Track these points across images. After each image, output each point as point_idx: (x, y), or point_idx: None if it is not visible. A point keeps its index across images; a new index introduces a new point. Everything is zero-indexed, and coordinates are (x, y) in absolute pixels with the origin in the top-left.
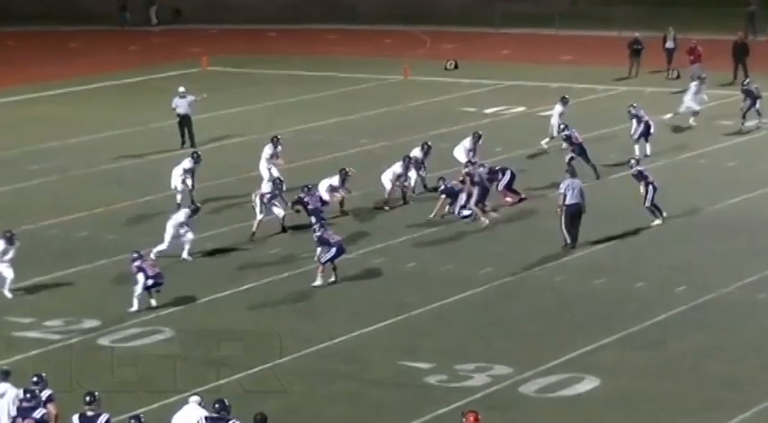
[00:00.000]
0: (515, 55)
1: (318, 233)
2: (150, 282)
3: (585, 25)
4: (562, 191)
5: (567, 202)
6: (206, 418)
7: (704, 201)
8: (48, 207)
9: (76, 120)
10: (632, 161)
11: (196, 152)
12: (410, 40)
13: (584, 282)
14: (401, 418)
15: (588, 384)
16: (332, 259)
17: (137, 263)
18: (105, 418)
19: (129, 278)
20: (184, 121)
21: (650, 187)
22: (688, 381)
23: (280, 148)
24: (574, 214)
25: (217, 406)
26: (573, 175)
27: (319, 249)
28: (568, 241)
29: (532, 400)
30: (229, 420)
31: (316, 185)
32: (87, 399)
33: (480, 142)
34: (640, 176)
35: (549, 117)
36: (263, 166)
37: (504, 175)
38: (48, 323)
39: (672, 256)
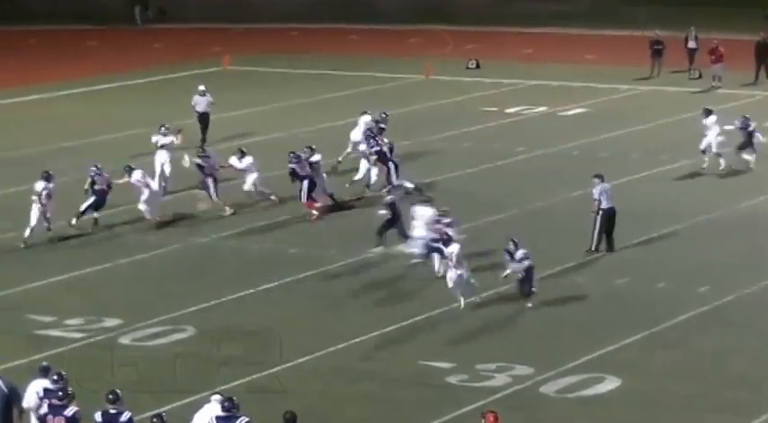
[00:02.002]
0: (537, 54)
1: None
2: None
3: (607, 25)
4: (596, 197)
5: (603, 206)
6: (216, 417)
7: (727, 201)
8: (70, 205)
9: (98, 118)
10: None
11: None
12: (432, 39)
13: (607, 282)
14: (422, 417)
15: (609, 384)
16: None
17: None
18: (128, 416)
19: (152, 277)
20: (202, 119)
21: None
22: (710, 381)
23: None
24: (610, 218)
25: (226, 404)
26: (602, 178)
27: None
28: (596, 247)
29: (553, 401)
30: (239, 418)
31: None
32: (110, 397)
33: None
34: None
35: (569, 117)
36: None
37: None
38: (69, 322)
39: (694, 256)
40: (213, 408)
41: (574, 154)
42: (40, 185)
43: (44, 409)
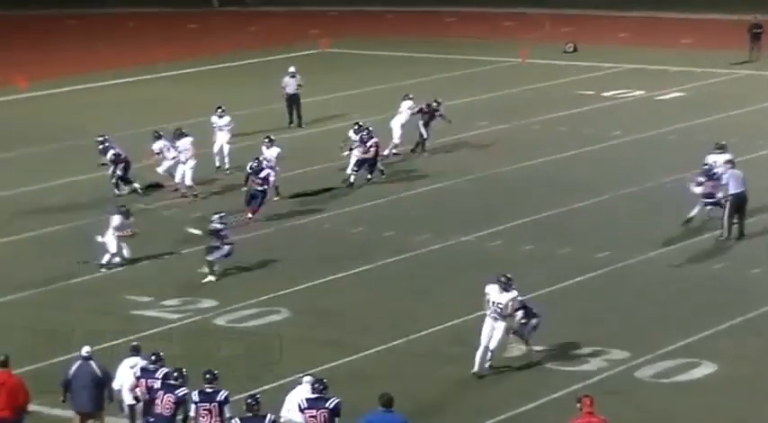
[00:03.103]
0: (634, 38)
1: None
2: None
3: (705, 8)
4: (725, 181)
5: (732, 190)
6: (306, 399)
7: None
8: (164, 188)
9: (193, 101)
10: None
11: (269, 136)
12: (528, 22)
13: (703, 266)
14: (516, 401)
15: (705, 370)
16: None
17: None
18: (224, 395)
19: (244, 259)
20: (292, 101)
21: None
22: None
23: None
24: (740, 203)
25: (316, 385)
26: (733, 164)
27: None
28: (727, 234)
29: (649, 385)
30: (329, 399)
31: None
32: (207, 376)
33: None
34: None
35: (666, 101)
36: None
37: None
38: (165, 302)
39: None
40: (305, 389)
41: (670, 138)
42: (116, 221)
43: (157, 385)
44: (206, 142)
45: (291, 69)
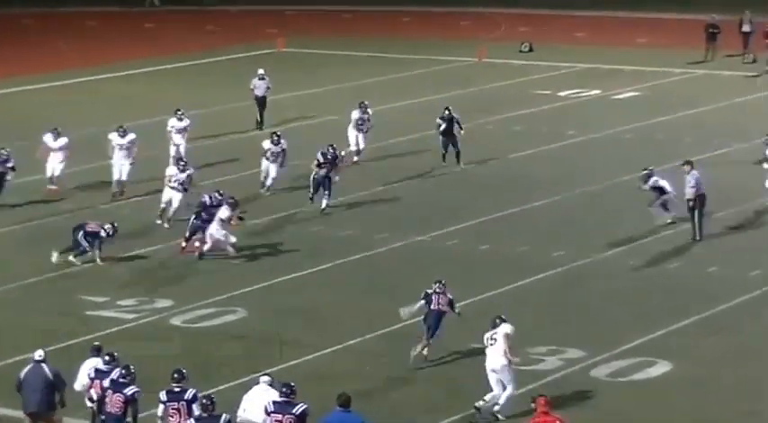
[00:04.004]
0: (590, 37)
1: None
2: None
3: (661, 8)
4: (693, 184)
5: (696, 192)
6: (273, 402)
7: None
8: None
9: (150, 100)
10: None
11: (275, 132)
12: (485, 22)
13: (659, 266)
14: (473, 399)
15: (661, 368)
16: None
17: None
18: (192, 393)
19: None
20: (260, 103)
21: None
22: (762, 365)
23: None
24: (702, 204)
25: (285, 390)
26: (692, 165)
27: None
28: (700, 235)
29: (605, 384)
30: (297, 404)
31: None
32: (175, 376)
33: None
34: None
35: (622, 101)
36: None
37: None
38: (121, 302)
39: (745, 240)
40: (263, 389)
41: (626, 137)
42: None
43: (105, 384)
44: (154, 143)
45: (261, 71)
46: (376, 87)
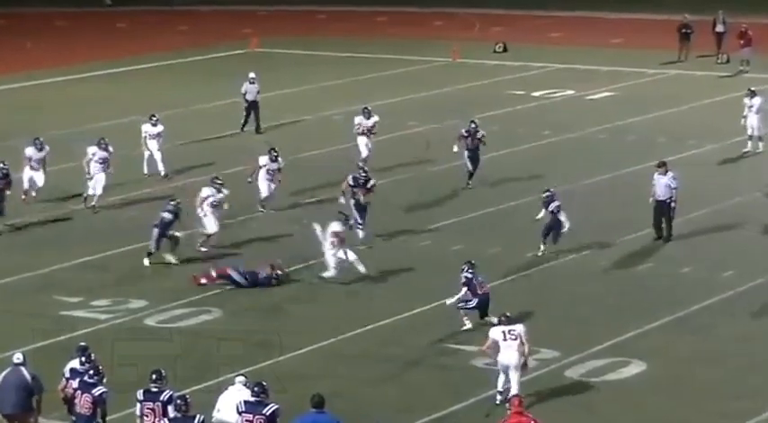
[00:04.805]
0: (565, 38)
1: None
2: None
3: (635, 8)
4: (675, 186)
5: (661, 196)
6: (245, 402)
7: (751, 187)
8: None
9: (122, 100)
10: None
11: (273, 149)
12: (459, 22)
13: (632, 266)
14: (446, 400)
15: (635, 369)
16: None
17: None
18: (168, 394)
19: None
20: (252, 107)
21: None
22: (735, 366)
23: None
24: (662, 208)
25: (256, 389)
26: (666, 166)
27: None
28: (666, 235)
29: (578, 385)
30: (268, 405)
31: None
32: (153, 376)
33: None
34: None
35: (596, 101)
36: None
37: None
38: (95, 303)
39: (719, 241)
40: (238, 390)
41: (600, 138)
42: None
43: (75, 385)
44: (126, 144)
45: (252, 75)
46: (349, 88)
